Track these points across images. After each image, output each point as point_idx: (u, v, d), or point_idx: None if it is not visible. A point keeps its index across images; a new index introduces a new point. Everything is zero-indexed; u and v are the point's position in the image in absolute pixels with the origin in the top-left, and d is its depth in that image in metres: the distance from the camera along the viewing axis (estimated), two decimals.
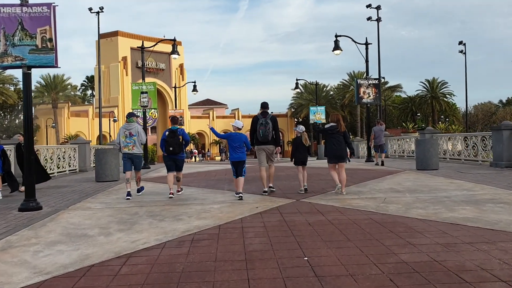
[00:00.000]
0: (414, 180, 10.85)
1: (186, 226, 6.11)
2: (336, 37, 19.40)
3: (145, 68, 68.36)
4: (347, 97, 65.25)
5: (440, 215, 6.42)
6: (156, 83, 18.70)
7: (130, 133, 9.30)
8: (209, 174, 14.88)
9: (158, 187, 11.03)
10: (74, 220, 6.83)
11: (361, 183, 10.57)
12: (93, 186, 11.72)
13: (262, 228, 5.87)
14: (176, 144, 9.03)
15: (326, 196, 8.53)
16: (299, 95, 73.21)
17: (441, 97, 68.81)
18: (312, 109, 29.94)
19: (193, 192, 9.85)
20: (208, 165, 21.70)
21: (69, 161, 17.26)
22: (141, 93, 18.42)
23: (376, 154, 17.83)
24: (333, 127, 8.89)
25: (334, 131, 8.84)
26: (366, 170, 14.41)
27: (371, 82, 19.25)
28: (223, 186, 10.74)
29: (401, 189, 9.32)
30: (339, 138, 8.82)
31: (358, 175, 12.60)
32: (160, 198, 8.97)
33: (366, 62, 19.21)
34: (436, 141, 13.89)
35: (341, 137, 8.84)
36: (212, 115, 74.47)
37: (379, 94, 19.42)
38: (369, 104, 19.73)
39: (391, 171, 13.66)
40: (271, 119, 9.02)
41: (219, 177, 13.47)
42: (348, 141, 8.99)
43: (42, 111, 56.72)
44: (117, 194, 9.74)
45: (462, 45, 49.28)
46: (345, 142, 8.89)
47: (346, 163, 9.03)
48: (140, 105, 18.75)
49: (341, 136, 8.83)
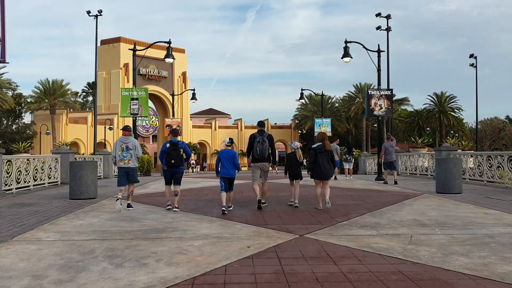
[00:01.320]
0: (439, 209, 9.16)
1: (148, 278, 4.46)
2: (346, 43, 17.83)
3: (147, 76, 67.45)
4: (352, 110, 63.70)
5: (493, 268, 4.75)
6: (147, 89, 17.13)
7: (127, 146, 9.20)
8: (201, 192, 13.23)
9: (136, 209, 9.38)
10: (5, 261, 5.18)
11: (376, 211, 8.89)
12: (63, 205, 10.09)
13: (251, 286, 4.22)
14: (177, 157, 8.98)
15: (337, 230, 6.85)
16: (303, 106, 71.72)
17: (449, 111, 67.13)
18: (317, 121, 28.30)
19: (176, 217, 8.20)
20: (204, 180, 20.06)
21: (49, 173, 15.66)
22: (131, 99, 16.87)
23: (386, 171, 16.24)
24: (320, 146, 9.34)
25: (321, 150, 9.26)
26: (379, 192, 12.73)
27: (383, 93, 17.62)
28: (212, 211, 9.07)
29: (427, 221, 7.65)
30: (326, 157, 9.26)
31: (371, 199, 10.93)
32: (133, 226, 7.32)
33: (378, 71, 17.60)
34: (460, 161, 12.21)
35: (328, 156, 9.29)
36: (214, 125, 72.92)
37: (391, 106, 17.79)
38: (380, 117, 18.09)
39: (407, 194, 11.98)
40: (268, 137, 9.41)
41: (211, 197, 11.82)
42: (333, 159, 9.44)
43: (40, 117, 55.34)
44: (84, 219, 8.10)
45: (473, 58, 47.85)
46: (330, 160, 9.34)
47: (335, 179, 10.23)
48: (129, 113, 17.19)
49: (328, 155, 9.28)
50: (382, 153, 15.84)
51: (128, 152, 9.17)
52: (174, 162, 8.98)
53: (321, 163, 9.20)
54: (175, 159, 8.98)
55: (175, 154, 8.99)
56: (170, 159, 8.97)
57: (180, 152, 9.06)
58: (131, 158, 9.20)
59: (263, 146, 9.30)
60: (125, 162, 9.19)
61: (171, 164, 8.99)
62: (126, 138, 9.34)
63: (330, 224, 7.36)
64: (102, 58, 64.79)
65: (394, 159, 15.74)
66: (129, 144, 9.24)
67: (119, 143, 9.29)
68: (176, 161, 9.00)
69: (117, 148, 9.25)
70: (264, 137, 9.37)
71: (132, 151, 9.22)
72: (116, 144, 9.35)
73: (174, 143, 9.07)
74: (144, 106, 17.00)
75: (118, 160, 9.22)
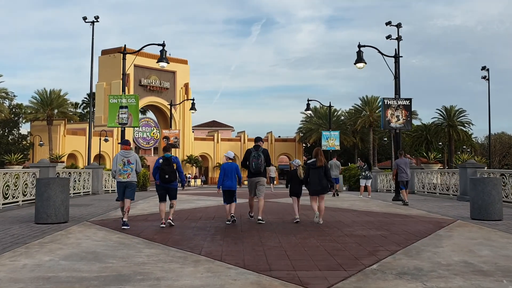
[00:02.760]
0: (489, 244, 7.24)
1: None
2: (360, 47, 16.06)
3: (149, 87, 65.95)
4: (359, 123, 61.89)
5: None
6: (138, 96, 15.30)
7: (128, 160, 9.11)
8: (193, 215, 11.35)
9: (107, 240, 7.52)
10: None
11: (410, 247, 6.99)
12: (21, 232, 8.24)
13: None
14: (171, 172, 8.98)
15: (368, 283, 4.95)
16: (308, 119, 69.98)
17: (459, 125, 65.12)
18: (324, 134, 26.43)
19: (151, 256, 6.32)
20: (200, 197, 18.19)
21: (24, 189, 13.84)
22: (120, 107, 15.09)
23: (405, 191, 14.45)
24: (313, 162, 9.47)
25: (315, 166, 9.40)
26: (403, 218, 10.80)
27: (401, 102, 15.76)
28: (201, 244, 7.19)
29: (483, 265, 5.75)
30: (320, 172, 9.37)
31: (397, 227, 9.01)
32: (91, 270, 5.45)
33: (395, 78, 15.77)
34: (499, 181, 10.31)
35: (322, 172, 9.38)
36: (216, 138, 71.17)
37: (410, 118, 15.93)
38: (398, 129, 16.23)
39: (438, 221, 10.07)
40: (263, 152, 9.60)
41: (204, 221, 9.95)
42: (328, 175, 9.50)
43: (37, 128, 53.80)
44: (33, 256, 6.23)
45: (485, 70, 46.17)
46: (325, 175, 9.41)
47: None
48: (118, 122, 15.40)
49: (322, 170, 9.38)
50: (395, 171, 14.53)
51: (129, 166, 9.09)
52: (168, 177, 8.95)
53: (315, 178, 9.37)
54: (169, 174, 8.95)
55: (169, 169, 8.96)
56: (164, 174, 8.92)
57: (173, 167, 9.04)
58: (131, 172, 9.10)
59: (258, 160, 9.50)
60: (124, 176, 9.06)
61: (165, 179, 8.95)
62: (127, 152, 9.25)
63: (356, 270, 5.47)
64: (103, 69, 63.48)
65: (409, 177, 14.43)
66: (131, 158, 9.15)
67: (120, 157, 9.14)
68: (170, 176, 8.97)
69: (118, 162, 9.10)
70: (259, 152, 9.60)
71: (133, 166, 9.13)
72: (117, 158, 9.17)
73: (167, 158, 9.05)
74: (134, 115, 15.17)
75: (118, 174, 9.08)
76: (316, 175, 9.37)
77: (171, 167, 9.01)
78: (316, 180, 9.35)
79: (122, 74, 15.51)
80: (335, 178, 19.35)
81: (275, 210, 12.56)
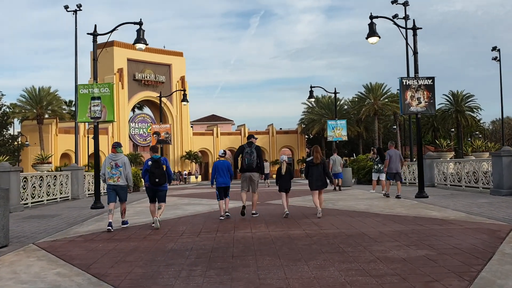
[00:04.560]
0: None
1: None
2: (372, 18, 13.64)
3: (143, 81, 63.44)
4: (363, 112, 59.38)
5: None
6: (113, 84, 12.93)
7: (116, 164, 9.03)
8: (175, 228, 9.02)
9: (36, 283, 5.24)
10: None
11: (477, 279, 4.70)
12: None
13: None
14: (161, 175, 8.80)
15: None
16: (310, 109, 67.54)
17: (467, 111, 62.62)
18: (330, 123, 24.01)
19: None
20: (191, 200, 15.89)
21: None
22: (92, 99, 12.75)
23: (389, 183, 14.28)
24: (312, 160, 9.97)
25: (313, 163, 9.89)
26: (442, 224, 8.45)
27: (423, 82, 13.36)
28: (171, 284, 4.88)
29: None
30: (319, 169, 9.87)
31: (442, 242, 6.67)
32: None
33: (415, 54, 13.32)
34: None
35: (321, 168, 9.87)
36: (216, 132, 68.83)
37: (433, 100, 13.53)
38: (419, 113, 13.84)
39: (489, 228, 7.76)
40: (256, 149, 9.93)
41: (186, 239, 7.63)
42: (326, 171, 10.04)
43: (28, 128, 51.58)
44: None
45: (496, 51, 43.61)
46: (324, 172, 9.93)
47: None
48: (89, 117, 13.07)
49: (320, 167, 9.87)
50: (387, 162, 13.91)
51: (117, 169, 9.00)
52: (159, 180, 8.78)
53: (315, 175, 9.83)
54: (159, 177, 8.76)
55: (158, 172, 8.76)
56: (153, 178, 8.74)
57: (163, 169, 8.85)
58: (120, 175, 9.02)
59: (251, 156, 9.79)
60: (114, 180, 9.00)
61: (155, 182, 8.78)
62: (115, 155, 9.09)
63: None
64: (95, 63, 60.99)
65: (400, 169, 14.06)
66: (118, 161, 9.03)
67: (108, 160, 9.05)
68: (160, 180, 8.79)
69: (106, 165, 9.03)
70: (252, 148, 9.86)
71: (122, 169, 9.03)
72: (105, 161, 9.09)
73: (156, 160, 8.84)
74: (108, 107, 12.78)
75: (107, 177, 9.02)
76: (315, 172, 9.85)
77: (161, 169, 8.79)
78: (317, 176, 9.82)
79: (93, 59, 13.10)
80: (338, 173, 18.89)
81: (278, 216, 10.27)
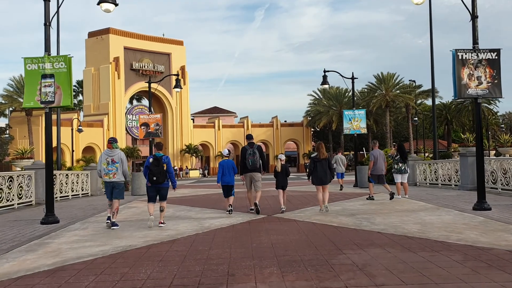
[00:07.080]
0: None
1: None
2: None
3: (141, 71, 60.00)
4: (373, 103, 55.92)
5: None
6: (70, 57, 9.59)
7: (112, 159, 8.87)
8: (133, 270, 5.76)
9: None
10: None
11: None
12: None
13: None
14: (160, 173, 8.64)
15: None
16: (317, 101, 64.14)
17: (484, 102, 59.05)
18: (346, 114, 20.72)
19: None
20: (176, 209, 12.66)
21: None
22: (43, 77, 9.51)
23: (372, 185, 13.33)
24: (317, 156, 10.28)
25: (319, 159, 10.15)
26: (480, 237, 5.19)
27: (485, 56, 10.03)
28: None
29: None
30: (324, 165, 10.12)
31: None
32: None
33: (473, 18, 9.92)
34: None
35: (325, 164, 10.14)
36: (217, 124, 65.54)
37: (498, 80, 10.22)
38: (480, 98, 10.54)
39: None
40: (257, 149, 10.32)
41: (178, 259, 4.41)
42: (330, 167, 10.27)
43: (16, 120, 48.45)
44: None
45: None
46: (328, 167, 10.17)
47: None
48: (38, 100, 9.85)
49: (325, 162, 10.13)
50: (371, 163, 13.11)
51: (113, 165, 8.86)
52: (156, 179, 8.61)
53: (319, 170, 10.10)
54: (157, 175, 8.60)
55: (157, 170, 8.61)
56: (152, 175, 8.60)
57: (163, 167, 8.69)
58: (116, 172, 8.86)
59: (254, 157, 10.14)
60: (110, 176, 8.84)
61: (154, 181, 8.62)
62: (111, 151, 8.93)
63: None
64: (90, 52, 57.66)
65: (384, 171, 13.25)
66: (115, 157, 8.88)
67: (104, 156, 8.94)
68: (158, 178, 8.62)
69: (102, 161, 8.92)
70: (254, 149, 10.25)
71: (118, 165, 8.88)
72: (102, 157, 8.98)
73: (158, 158, 8.71)
74: (64, 88, 9.37)
75: (103, 174, 8.89)
76: (321, 167, 10.07)
77: (160, 168, 8.62)
78: (322, 172, 10.05)
79: (44, 24, 9.80)
80: (340, 173, 18.31)
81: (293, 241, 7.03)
